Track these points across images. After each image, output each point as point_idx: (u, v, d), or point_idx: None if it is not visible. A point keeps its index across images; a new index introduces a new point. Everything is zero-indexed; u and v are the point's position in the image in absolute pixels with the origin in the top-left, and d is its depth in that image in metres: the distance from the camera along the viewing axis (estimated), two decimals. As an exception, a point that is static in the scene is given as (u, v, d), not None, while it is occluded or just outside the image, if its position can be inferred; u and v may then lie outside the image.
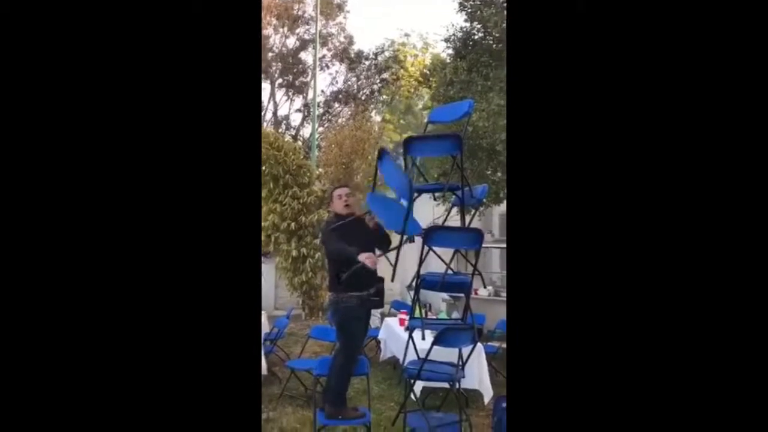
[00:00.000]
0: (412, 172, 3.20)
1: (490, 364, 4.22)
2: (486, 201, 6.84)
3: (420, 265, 2.98)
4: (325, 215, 7.46)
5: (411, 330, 3.27)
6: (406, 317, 4.24)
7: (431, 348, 2.95)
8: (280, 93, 17.54)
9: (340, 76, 17.24)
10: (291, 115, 18.09)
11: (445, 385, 3.34)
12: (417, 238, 2.94)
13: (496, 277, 7.89)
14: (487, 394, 3.98)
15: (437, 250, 2.98)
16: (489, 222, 8.72)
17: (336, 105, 16.90)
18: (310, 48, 16.17)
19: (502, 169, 6.81)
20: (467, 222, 3.27)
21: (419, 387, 3.60)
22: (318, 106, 14.91)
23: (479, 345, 3.84)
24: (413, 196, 2.76)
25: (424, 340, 3.24)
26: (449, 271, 3.12)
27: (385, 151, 3.06)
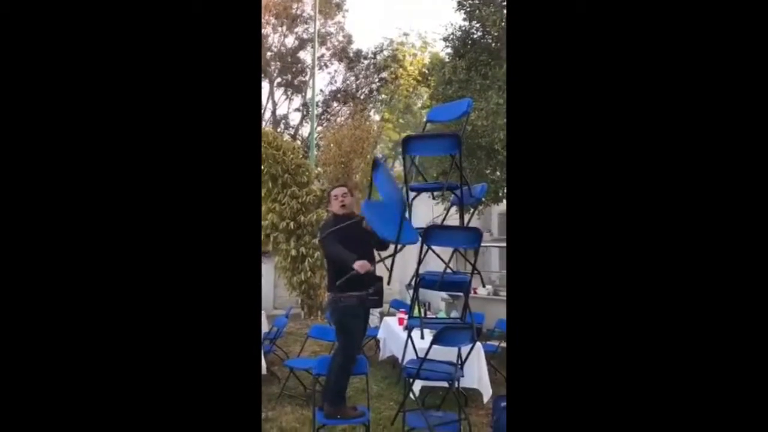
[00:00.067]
0: (411, 172, 3.20)
1: (489, 363, 4.22)
2: (485, 200, 6.85)
3: (419, 264, 2.98)
4: (324, 214, 7.47)
5: (410, 329, 3.27)
6: (405, 316, 4.25)
7: (430, 347, 2.95)
8: (278, 92, 17.57)
9: (338, 75, 17.29)
10: (290, 114, 18.18)
11: (444, 384, 3.34)
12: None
13: (495, 276, 7.90)
14: (486, 393, 3.99)
15: (436, 249, 2.98)
16: (488, 221, 8.72)
17: (335, 104, 16.91)
18: (309, 47, 16.18)
19: (500, 168, 6.80)
20: (466, 221, 3.27)
21: (418, 386, 3.60)
22: (317, 105, 14.92)
23: (478, 344, 3.84)
24: (405, 208, 2.76)
25: (423, 339, 3.24)
26: (448, 270, 3.12)
27: (379, 161, 3.06)
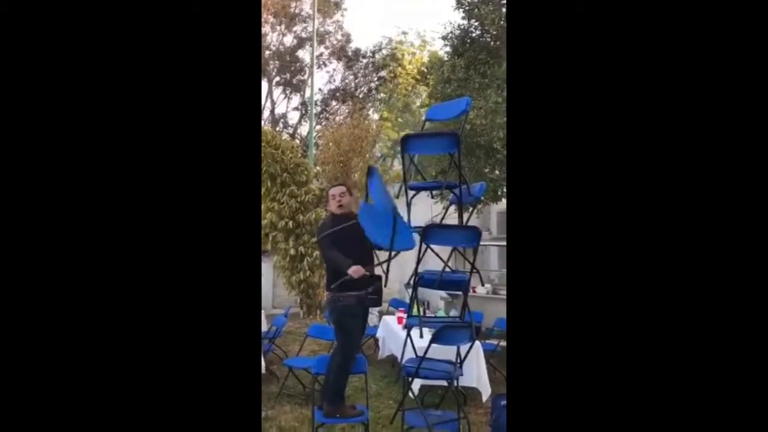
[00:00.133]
0: (410, 170, 3.20)
1: (488, 362, 4.22)
2: (484, 199, 6.85)
3: (418, 263, 2.98)
4: (323, 213, 7.46)
5: (409, 328, 3.27)
6: (404, 315, 4.24)
7: (429, 346, 2.95)
8: (277, 91, 17.55)
9: (337, 74, 17.27)
10: (288, 113, 18.11)
11: (444, 382, 3.34)
12: (416, 235, 2.94)
13: (494, 274, 7.90)
14: (486, 391, 3.99)
15: (435, 248, 2.98)
16: (487, 220, 8.73)
17: (333, 103, 16.89)
18: (308, 46, 16.16)
19: (499, 166, 6.80)
20: (465, 220, 3.28)
21: (417, 385, 3.60)
22: (315, 104, 14.91)
23: (477, 343, 3.84)
24: (396, 218, 2.76)
25: (422, 338, 3.24)
26: (447, 269, 3.12)
27: (373, 169, 3.07)
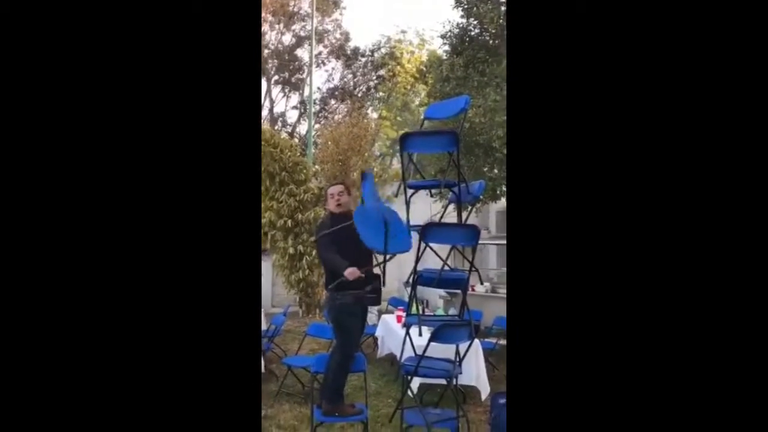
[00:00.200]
0: (409, 169, 3.20)
1: (487, 361, 4.23)
2: (483, 197, 6.85)
3: (417, 262, 2.98)
4: (322, 212, 7.46)
5: (408, 326, 3.27)
6: (403, 314, 4.24)
7: (428, 344, 2.95)
8: (276, 90, 17.54)
9: (336, 73, 17.25)
10: (287, 112, 18.10)
11: (443, 381, 3.34)
12: (415, 234, 2.94)
13: (493, 273, 7.92)
14: (485, 390, 3.99)
15: (434, 246, 2.97)
16: (486, 218, 8.74)
17: (332, 102, 16.88)
18: (306, 45, 16.14)
19: (498, 165, 6.80)
20: (464, 218, 3.27)
21: (416, 383, 3.60)
22: (314, 103, 14.88)
23: (476, 341, 3.84)
24: (388, 223, 2.77)
25: (421, 337, 3.23)
26: (446, 268, 3.11)
27: (366, 174, 3.07)
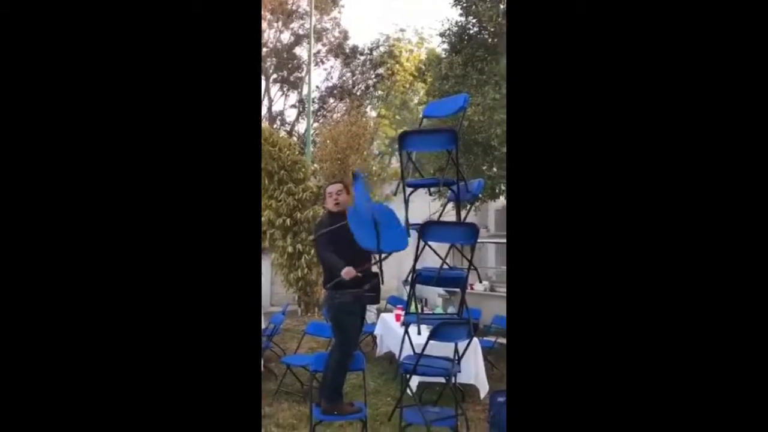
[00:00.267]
0: (408, 167, 3.19)
1: (486, 359, 4.23)
2: (482, 196, 6.84)
3: (416, 260, 2.98)
4: (321, 211, 7.45)
5: (407, 325, 3.27)
6: (402, 312, 4.25)
7: (427, 343, 2.95)
8: (274, 88, 17.51)
9: (335, 72, 17.23)
10: (286, 110, 18.07)
11: (441, 379, 3.34)
12: (413, 232, 2.94)
13: (492, 272, 7.92)
14: (483, 388, 4.00)
15: (433, 245, 2.97)
16: (485, 217, 8.74)
17: (331, 100, 16.87)
18: (305, 43, 16.11)
19: (497, 164, 6.80)
20: (463, 217, 3.27)
21: (415, 382, 3.60)
22: (313, 102, 14.88)
23: (475, 340, 3.84)
24: (377, 223, 2.78)
25: (419, 335, 3.23)
26: (445, 266, 3.11)
27: (357, 175, 3.07)
